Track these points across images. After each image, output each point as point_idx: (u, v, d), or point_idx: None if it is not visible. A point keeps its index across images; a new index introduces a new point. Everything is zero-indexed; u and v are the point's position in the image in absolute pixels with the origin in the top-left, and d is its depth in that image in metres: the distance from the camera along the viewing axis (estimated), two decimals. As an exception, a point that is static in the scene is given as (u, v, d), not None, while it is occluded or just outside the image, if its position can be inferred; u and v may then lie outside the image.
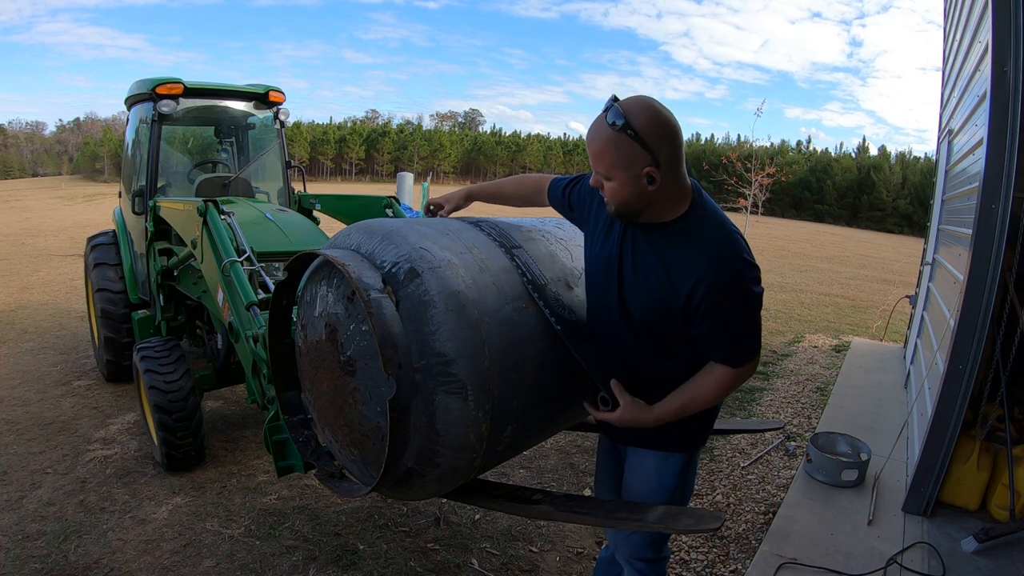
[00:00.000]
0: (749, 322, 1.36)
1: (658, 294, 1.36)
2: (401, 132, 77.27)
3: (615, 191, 1.34)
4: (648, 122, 1.26)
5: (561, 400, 1.57)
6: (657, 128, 1.27)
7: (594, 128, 1.32)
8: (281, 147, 4.49)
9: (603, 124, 1.29)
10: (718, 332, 1.34)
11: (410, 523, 2.72)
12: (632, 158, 1.28)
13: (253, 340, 2.27)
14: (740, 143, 51.58)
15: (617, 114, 1.26)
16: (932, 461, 2.52)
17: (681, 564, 2.48)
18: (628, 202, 1.34)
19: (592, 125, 1.33)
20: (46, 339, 5.41)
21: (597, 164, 1.34)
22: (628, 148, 1.27)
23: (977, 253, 2.34)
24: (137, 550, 2.46)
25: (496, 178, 29.21)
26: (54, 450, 3.30)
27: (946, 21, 5.06)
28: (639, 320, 1.41)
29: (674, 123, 1.30)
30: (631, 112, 1.26)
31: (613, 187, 1.34)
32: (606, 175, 1.33)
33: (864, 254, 20.06)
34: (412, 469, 1.40)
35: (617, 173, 1.31)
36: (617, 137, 1.27)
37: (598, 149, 1.32)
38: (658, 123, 1.27)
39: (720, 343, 1.36)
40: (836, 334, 6.96)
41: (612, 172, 1.32)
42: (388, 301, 1.33)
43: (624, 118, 1.26)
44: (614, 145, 1.28)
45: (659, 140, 1.27)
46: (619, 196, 1.34)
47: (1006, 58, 2.20)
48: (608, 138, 1.29)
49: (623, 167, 1.29)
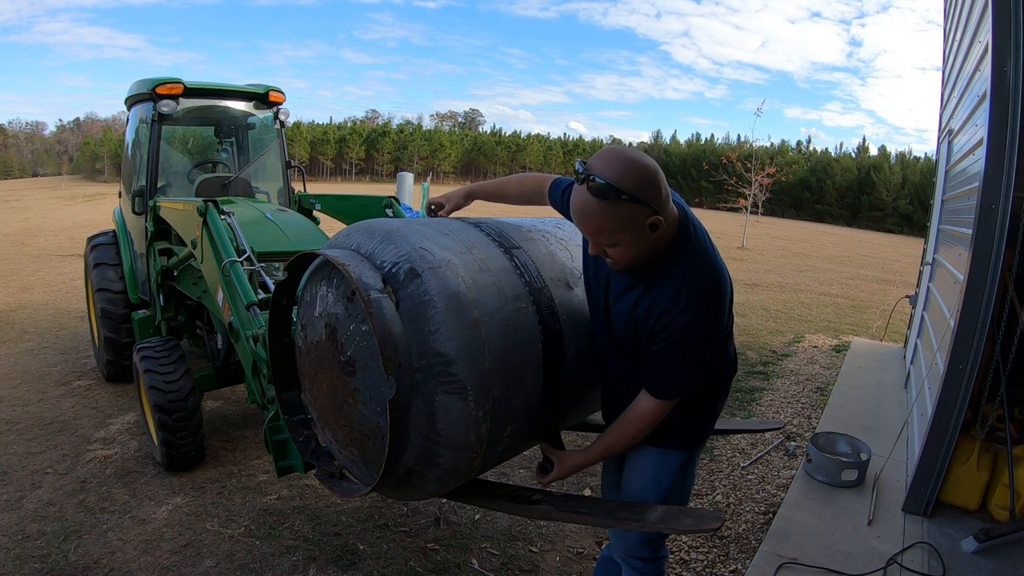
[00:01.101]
0: (682, 360, 1.36)
1: (632, 318, 1.40)
2: (401, 132, 77.29)
3: (623, 253, 1.31)
4: (633, 177, 1.21)
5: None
6: (643, 178, 1.22)
7: (580, 203, 1.26)
8: (281, 147, 4.49)
9: (589, 198, 1.23)
10: (658, 357, 1.37)
11: (410, 523, 2.72)
12: (633, 218, 1.24)
13: (253, 340, 2.27)
14: (740, 143, 51.56)
15: (602, 189, 1.20)
16: (932, 461, 2.52)
17: (681, 564, 2.48)
18: (638, 258, 1.32)
19: (576, 200, 1.27)
20: (46, 339, 5.41)
21: (598, 237, 1.30)
22: (625, 212, 1.23)
23: (977, 253, 2.34)
24: (137, 550, 2.46)
25: (496, 178, 28.97)
26: (54, 450, 3.30)
27: (946, 21, 5.06)
28: (622, 339, 1.46)
29: (652, 165, 1.26)
30: (611, 174, 1.20)
31: (620, 251, 1.30)
32: (610, 243, 1.29)
33: (864, 254, 20.06)
34: (412, 469, 1.40)
35: (622, 238, 1.27)
36: (610, 207, 1.22)
37: (596, 225, 1.27)
38: (641, 173, 1.22)
39: (654, 367, 1.38)
40: (836, 334, 6.96)
41: (617, 239, 1.28)
42: (388, 301, 1.33)
43: (609, 183, 1.20)
44: (611, 215, 1.23)
45: (649, 188, 1.23)
46: (629, 256, 1.31)
47: (1006, 58, 2.20)
48: (602, 210, 1.23)
49: (627, 230, 1.26)
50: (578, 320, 1.59)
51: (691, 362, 1.37)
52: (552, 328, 1.50)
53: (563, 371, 1.52)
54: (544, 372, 1.47)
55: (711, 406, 1.58)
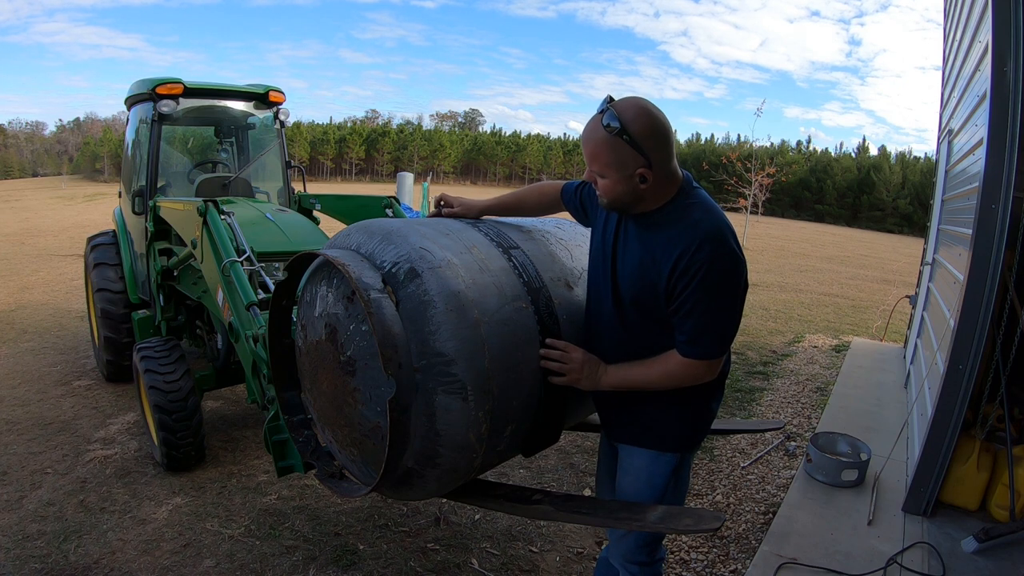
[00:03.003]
0: (718, 311, 1.35)
1: (645, 278, 1.40)
2: (401, 132, 77.26)
3: (608, 188, 1.40)
4: (643, 126, 1.31)
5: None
6: (650, 131, 1.32)
7: (590, 128, 1.37)
8: (281, 147, 4.49)
9: (598, 126, 1.34)
10: (683, 311, 1.35)
11: (410, 523, 2.72)
12: (625, 160, 1.34)
13: (253, 340, 2.27)
14: (740, 143, 51.59)
15: (612, 117, 1.31)
16: (932, 461, 2.52)
17: (681, 564, 2.48)
18: (619, 198, 1.41)
19: (588, 125, 1.38)
20: (46, 339, 5.41)
21: (592, 162, 1.39)
22: (622, 151, 1.33)
23: (977, 253, 2.34)
24: (137, 550, 2.46)
25: (496, 178, 29.17)
26: (54, 450, 3.30)
27: (946, 21, 5.06)
28: (629, 302, 1.45)
29: (666, 125, 1.35)
30: (626, 116, 1.31)
31: (606, 184, 1.40)
32: (600, 173, 1.39)
33: (864, 254, 20.06)
34: (412, 469, 1.40)
35: (611, 172, 1.37)
36: (612, 140, 1.33)
37: (593, 150, 1.37)
38: (652, 127, 1.32)
39: (684, 325, 1.36)
40: (836, 334, 6.96)
41: (606, 171, 1.37)
42: (388, 301, 1.33)
43: (619, 122, 1.31)
44: (609, 147, 1.34)
45: (652, 143, 1.33)
46: (611, 193, 1.40)
47: (1006, 58, 2.19)
48: (603, 140, 1.34)
49: (616, 167, 1.35)
50: (578, 320, 1.59)
51: (719, 307, 1.35)
52: (551, 328, 1.50)
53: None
54: (544, 372, 1.47)
55: (707, 407, 1.56)
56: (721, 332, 1.38)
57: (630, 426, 1.56)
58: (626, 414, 1.56)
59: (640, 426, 1.54)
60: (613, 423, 1.62)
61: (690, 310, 1.34)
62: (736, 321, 1.41)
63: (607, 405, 1.62)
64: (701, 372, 1.40)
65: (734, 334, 1.42)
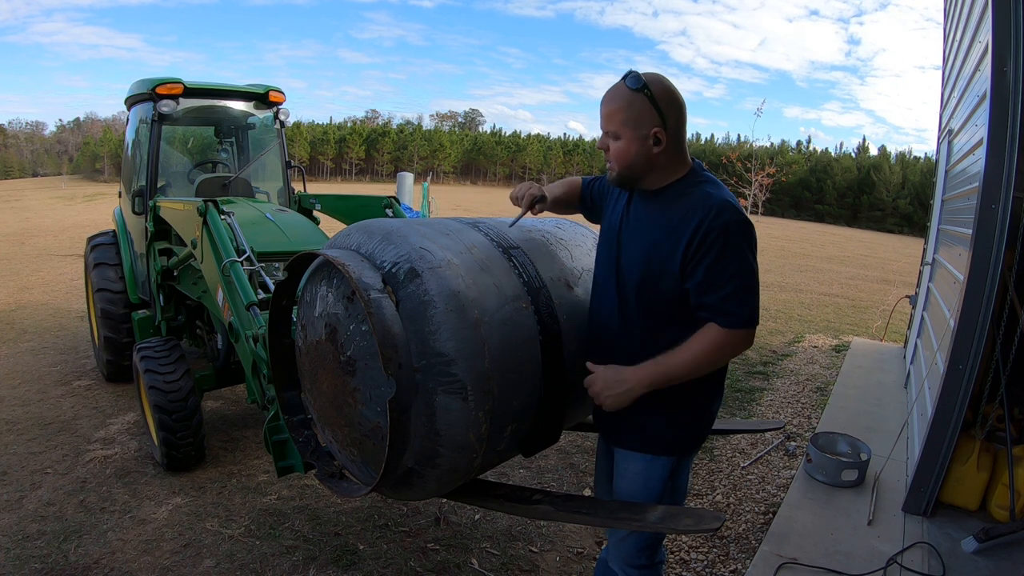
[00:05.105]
0: (742, 275, 1.34)
1: (654, 256, 1.40)
2: (401, 132, 77.30)
3: (621, 150, 1.41)
4: (663, 90, 1.39)
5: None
6: (670, 96, 1.40)
7: (611, 91, 1.43)
8: (281, 147, 4.49)
9: (621, 86, 1.40)
10: (710, 280, 1.34)
11: (410, 523, 2.72)
12: (643, 117, 1.38)
13: (253, 340, 2.27)
14: (740, 143, 51.59)
15: (636, 78, 1.38)
16: (932, 461, 2.51)
17: (681, 564, 2.48)
18: (632, 163, 1.42)
19: (609, 90, 1.43)
20: (46, 339, 5.41)
21: (608, 123, 1.42)
22: (641, 107, 1.38)
23: (977, 253, 2.34)
24: (137, 550, 2.46)
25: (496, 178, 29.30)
26: (54, 450, 3.30)
27: (946, 21, 5.06)
28: (635, 283, 1.43)
29: (683, 101, 1.43)
30: (649, 79, 1.39)
31: (620, 146, 1.41)
32: (616, 133, 1.41)
33: (864, 254, 20.06)
34: (412, 469, 1.40)
35: (626, 131, 1.40)
36: (633, 96, 1.38)
37: (613, 108, 1.41)
38: (671, 93, 1.40)
39: (711, 294, 1.34)
40: (836, 334, 6.96)
41: (622, 130, 1.40)
42: (388, 301, 1.33)
43: (642, 81, 1.38)
44: (628, 103, 1.38)
45: (670, 107, 1.39)
46: (624, 156, 1.41)
47: (1006, 58, 2.19)
48: (624, 96, 1.39)
49: (633, 125, 1.39)
50: (578, 320, 1.59)
51: (749, 269, 1.35)
52: (551, 328, 1.50)
53: (563, 371, 1.52)
54: (544, 372, 1.47)
55: (707, 408, 1.53)
56: (755, 295, 1.37)
57: (625, 430, 1.54)
58: (620, 417, 1.53)
59: (635, 429, 1.52)
60: (608, 427, 1.60)
61: (720, 276, 1.33)
62: (756, 278, 1.39)
63: (601, 410, 1.58)
64: (741, 342, 1.37)
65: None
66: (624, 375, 1.41)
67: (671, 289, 1.39)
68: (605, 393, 1.42)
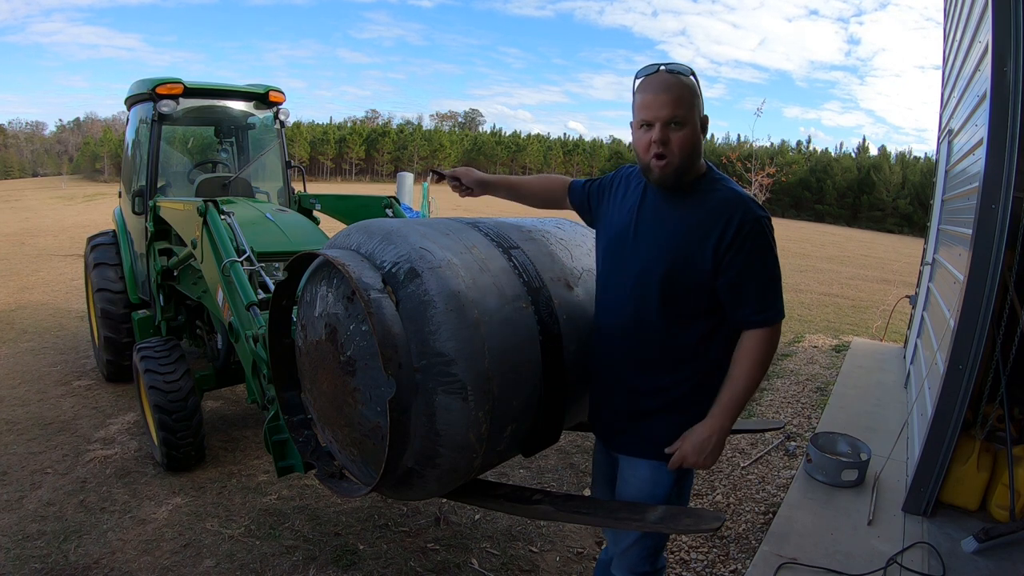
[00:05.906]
0: (774, 271, 1.39)
1: (682, 248, 1.39)
2: (401, 132, 77.29)
3: (687, 139, 1.37)
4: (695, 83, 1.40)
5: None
6: (698, 90, 1.41)
7: (659, 82, 1.37)
8: (281, 147, 4.49)
9: (668, 76, 1.37)
10: (746, 279, 1.36)
11: (410, 523, 2.72)
12: (699, 103, 1.39)
13: (253, 340, 2.27)
14: (740, 143, 51.59)
15: (680, 66, 1.38)
16: (932, 461, 2.51)
17: (681, 564, 2.48)
18: (692, 152, 1.39)
19: (654, 81, 1.38)
20: (46, 339, 5.41)
21: (677, 108, 1.35)
22: (697, 92, 1.39)
23: (977, 253, 2.34)
24: (137, 550, 2.46)
25: (496, 178, 29.04)
26: (54, 450, 3.30)
27: (946, 21, 5.06)
28: (659, 277, 1.40)
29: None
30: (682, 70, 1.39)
31: (686, 134, 1.37)
32: (684, 119, 1.36)
33: (864, 254, 20.06)
34: (412, 469, 1.40)
35: (691, 117, 1.37)
36: (691, 82, 1.38)
37: (677, 94, 1.36)
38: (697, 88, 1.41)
39: (748, 293, 1.37)
40: (836, 334, 6.96)
41: (689, 115, 1.37)
42: (388, 301, 1.33)
43: (687, 69, 1.38)
44: (690, 89, 1.37)
45: (700, 97, 1.42)
46: (689, 143, 1.38)
47: (1006, 58, 2.19)
48: (683, 83, 1.37)
49: (695, 108, 1.38)
50: (578, 320, 1.59)
51: (778, 271, 1.39)
52: (551, 328, 1.50)
53: (563, 371, 1.52)
54: (544, 372, 1.47)
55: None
56: (781, 293, 1.41)
57: (629, 436, 1.53)
58: (624, 423, 1.52)
59: (639, 436, 1.50)
60: (610, 433, 1.58)
61: (756, 270, 1.36)
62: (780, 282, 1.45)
63: (603, 415, 1.58)
64: (776, 339, 1.41)
65: None
66: (703, 433, 1.41)
67: (697, 283, 1.39)
68: (702, 458, 1.42)
